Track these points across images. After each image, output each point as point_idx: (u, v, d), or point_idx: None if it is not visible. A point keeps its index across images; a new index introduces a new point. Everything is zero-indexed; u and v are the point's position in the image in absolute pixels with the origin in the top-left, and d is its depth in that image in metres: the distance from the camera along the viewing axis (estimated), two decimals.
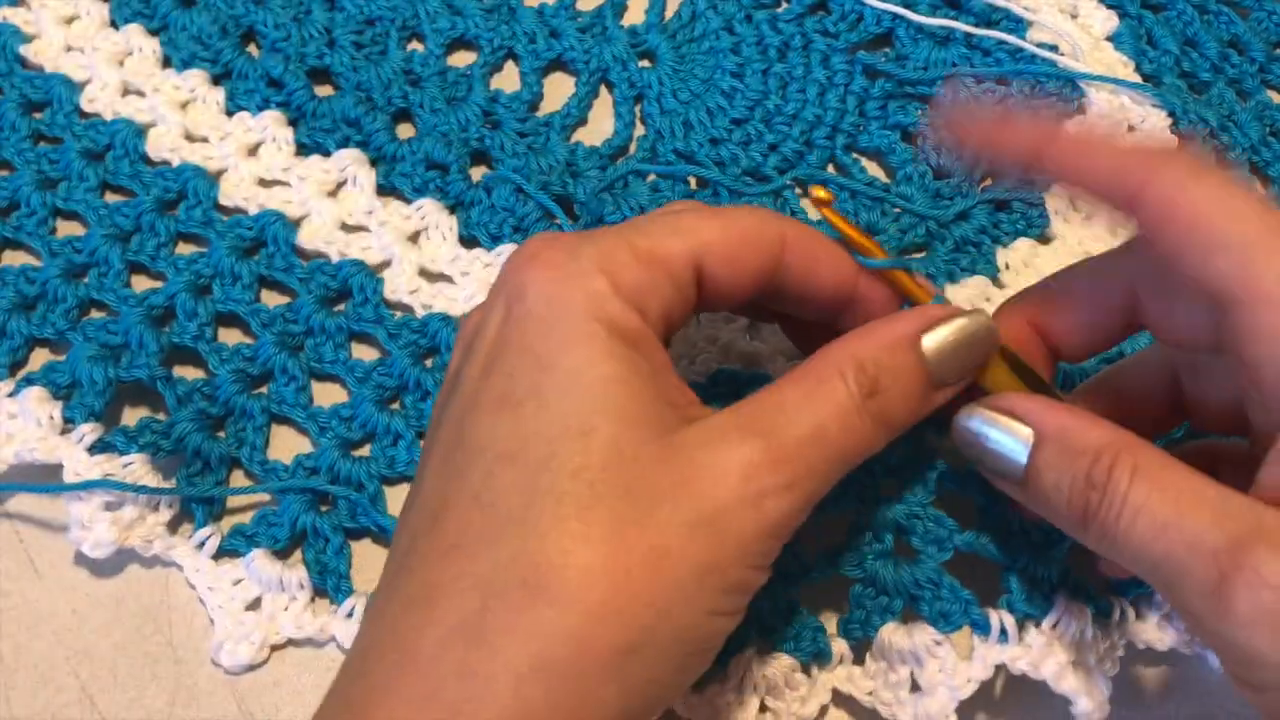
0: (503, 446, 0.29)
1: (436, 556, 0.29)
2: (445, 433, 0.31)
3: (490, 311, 0.31)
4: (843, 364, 0.31)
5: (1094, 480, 0.30)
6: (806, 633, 0.38)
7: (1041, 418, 0.32)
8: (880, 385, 0.31)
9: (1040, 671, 0.36)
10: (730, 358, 0.42)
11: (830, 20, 0.51)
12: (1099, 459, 0.30)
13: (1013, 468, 0.32)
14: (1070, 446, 0.31)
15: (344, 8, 0.51)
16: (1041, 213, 0.47)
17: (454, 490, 0.29)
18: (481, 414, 0.30)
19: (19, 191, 0.46)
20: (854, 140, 0.49)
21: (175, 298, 0.43)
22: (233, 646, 0.39)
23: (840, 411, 0.30)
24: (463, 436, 0.30)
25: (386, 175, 0.47)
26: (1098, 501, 0.30)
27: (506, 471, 0.29)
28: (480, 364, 0.31)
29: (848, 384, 0.31)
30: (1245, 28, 0.52)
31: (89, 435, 0.41)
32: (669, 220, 0.32)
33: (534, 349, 0.30)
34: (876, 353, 0.31)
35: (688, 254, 0.32)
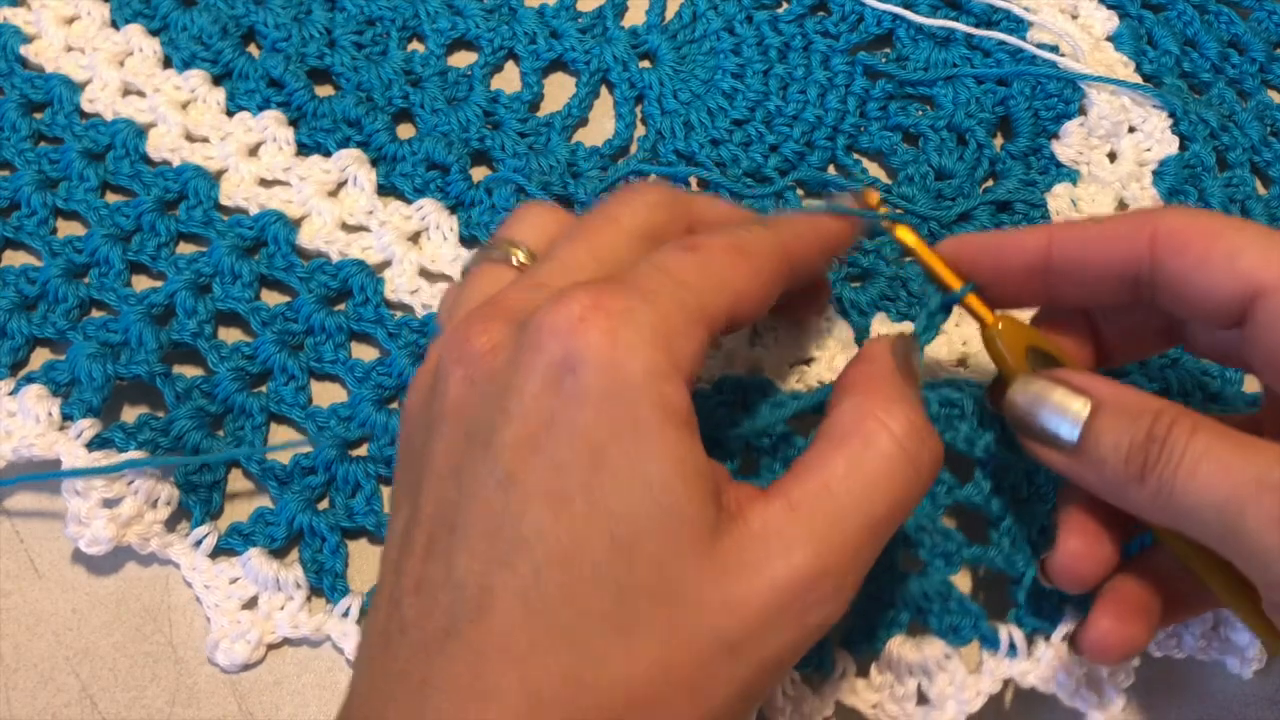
0: (555, 547, 0.27)
1: (489, 655, 0.27)
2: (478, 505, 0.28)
3: (526, 365, 0.28)
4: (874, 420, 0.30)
5: (1155, 434, 0.31)
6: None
7: (1099, 386, 0.33)
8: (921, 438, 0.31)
9: (1050, 686, 0.37)
10: (734, 364, 0.42)
11: (831, 21, 0.51)
12: (1159, 417, 0.31)
13: (1067, 436, 0.33)
14: (1130, 409, 0.32)
15: (344, 8, 0.51)
16: (1043, 213, 0.47)
17: (499, 582, 0.27)
18: (531, 504, 0.27)
19: (19, 192, 0.46)
20: (855, 141, 0.49)
21: (175, 296, 0.43)
22: (229, 645, 0.39)
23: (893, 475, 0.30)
24: (506, 522, 0.28)
25: (387, 175, 0.47)
26: (1157, 453, 0.31)
27: (556, 576, 0.27)
28: (524, 439, 0.28)
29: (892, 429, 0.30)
30: (1245, 28, 0.52)
31: (87, 431, 0.40)
32: (708, 270, 0.30)
33: (587, 437, 0.27)
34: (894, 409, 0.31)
35: (728, 310, 0.30)
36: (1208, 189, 0.47)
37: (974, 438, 0.39)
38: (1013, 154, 0.48)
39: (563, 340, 0.28)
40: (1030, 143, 0.48)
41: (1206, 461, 0.30)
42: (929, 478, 0.31)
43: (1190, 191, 0.47)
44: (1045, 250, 0.34)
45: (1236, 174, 0.48)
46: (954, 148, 0.48)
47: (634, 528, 0.27)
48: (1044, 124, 0.49)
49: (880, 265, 0.45)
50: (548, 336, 0.28)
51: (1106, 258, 0.34)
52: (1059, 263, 0.34)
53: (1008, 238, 0.35)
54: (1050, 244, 0.34)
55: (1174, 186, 0.47)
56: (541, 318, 0.29)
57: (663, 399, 0.28)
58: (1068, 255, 0.34)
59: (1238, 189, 0.47)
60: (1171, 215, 0.33)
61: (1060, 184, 0.47)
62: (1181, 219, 0.33)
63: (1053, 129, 0.49)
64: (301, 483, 0.41)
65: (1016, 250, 0.35)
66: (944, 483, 0.38)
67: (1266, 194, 0.48)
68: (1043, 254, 0.34)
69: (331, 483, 0.41)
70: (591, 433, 0.27)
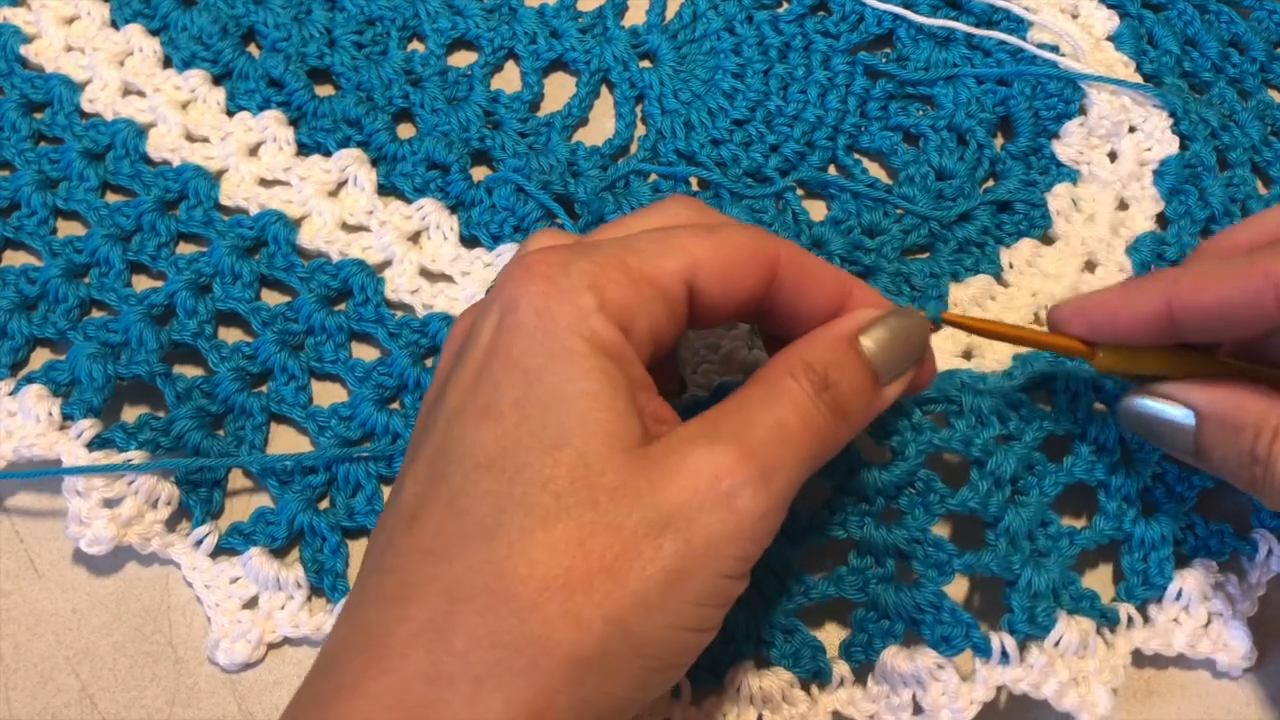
0: (482, 455, 0.30)
1: (411, 558, 0.30)
2: (430, 437, 0.32)
3: (484, 318, 0.32)
4: (791, 366, 0.32)
5: (1257, 455, 0.32)
6: (805, 650, 0.38)
7: (1199, 398, 0.34)
8: (830, 380, 0.32)
9: (1041, 691, 0.37)
10: (731, 368, 0.42)
11: (831, 21, 0.51)
12: (1259, 436, 0.32)
13: (1185, 444, 0.34)
14: (1229, 424, 0.33)
15: (344, 8, 0.51)
16: (1044, 213, 0.47)
17: (432, 494, 0.30)
18: (466, 422, 0.31)
19: (20, 192, 0.46)
20: (855, 141, 0.49)
21: (175, 296, 0.43)
22: (229, 645, 0.39)
23: (798, 407, 0.31)
24: (446, 443, 0.31)
25: (387, 175, 0.47)
26: (1261, 477, 0.32)
27: (483, 480, 0.30)
28: (470, 372, 0.32)
29: (799, 381, 0.32)
30: (1246, 27, 0.52)
31: (88, 431, 0.40)
32: (664, 238, 0.33)
33: (520, 362, 0.30)
34: (820, 352, 0.33)
35: (680, 273, 0.32)
36: (1208, 189, 0.47)
37: (971, 435, 0.39)
38: (1013, 154, 0.48)
39: (509, 289, 0.31)
40: (1031, 142, 0.48)
41: None
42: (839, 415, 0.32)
43: (1190, 191, 0.47)
44: (1166, 311, 0.34)
45: (1237, 173, 0.47)
46: (954, 148, 0.48)
47: (562, 432, 0.29)
48: (1044, 124, 0.49)
49: (882, 263, 0.45)
50: (502, 283, 0.32)
51: (1230, 311, 0.33)
52: (1180, 320, 0.34)
53: (1125, 301, 0.35)
54: (1169, 305, 0.34)
55: (1174, 186, 0.47)
56: (503, 278, 0.32)
57: (590, 331, 0.30)
58: (1188, 314, 0.34)
59: (1238, 188, 0.47)
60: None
61: (1061, 184, 0.47)
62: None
63: (1053, 129, 0.49)
64: (302, 482, 0.41)
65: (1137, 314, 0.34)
66: (937, 492, 0.39)
67: (1267, 193, 0.48)
68: (1163, 313, 0.34)
69: (332, 482, 0.41)
70: (524, 358, 0.30)
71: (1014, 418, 0.39)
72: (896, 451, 0.39)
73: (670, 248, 0.32)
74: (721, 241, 0.33)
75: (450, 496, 0.30)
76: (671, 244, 0.33)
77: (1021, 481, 0.39)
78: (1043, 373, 0.40)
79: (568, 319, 0.30)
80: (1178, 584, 0.39)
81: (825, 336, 0.33)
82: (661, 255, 0.32)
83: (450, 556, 0.29)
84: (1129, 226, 0.46)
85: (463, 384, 0.32)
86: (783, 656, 0.38)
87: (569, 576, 0.28)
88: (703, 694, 0.38)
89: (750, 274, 0.33)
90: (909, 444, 0.39)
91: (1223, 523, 0.40)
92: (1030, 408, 0.40)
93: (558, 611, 0.28)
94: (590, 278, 0.31)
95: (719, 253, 0.33)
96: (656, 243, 0.33)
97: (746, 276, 0.33)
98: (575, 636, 0.28)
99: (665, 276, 0.32)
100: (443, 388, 0.33)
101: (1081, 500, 0.41)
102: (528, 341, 0.31)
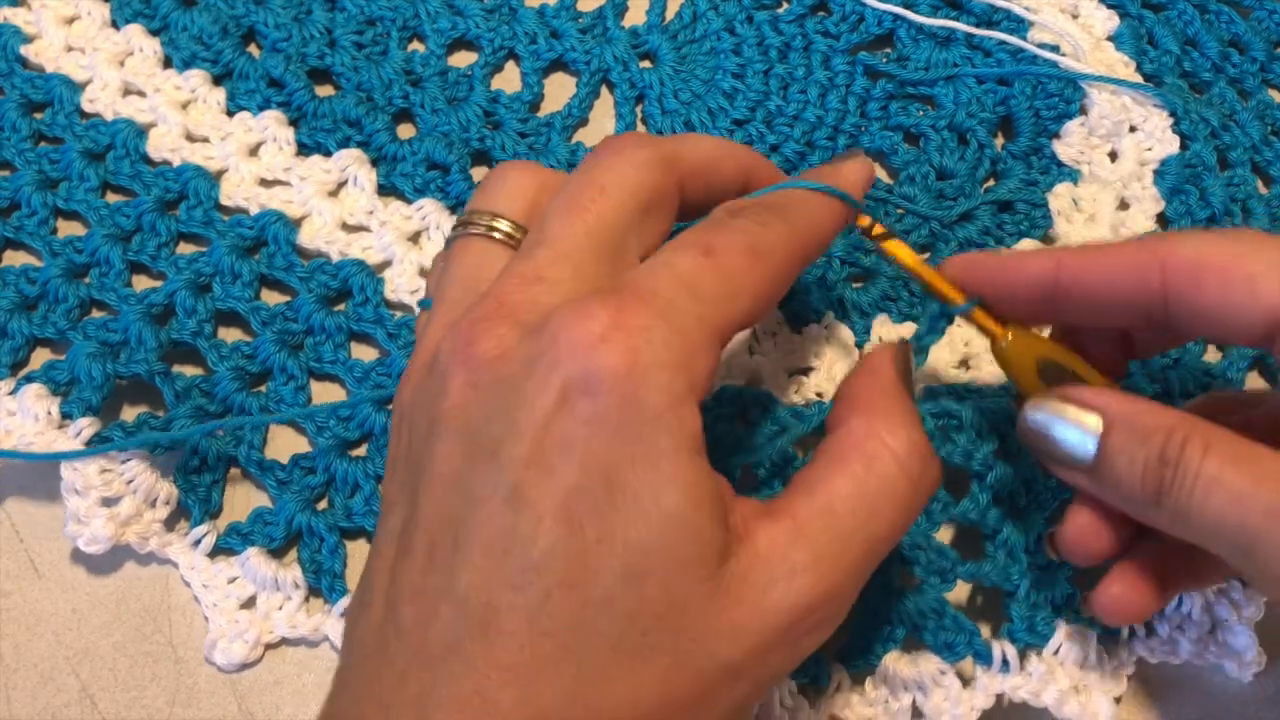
0: (562, 572, 0.27)
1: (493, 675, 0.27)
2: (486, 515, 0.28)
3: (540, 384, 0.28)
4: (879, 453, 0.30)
5: (1167, 457, 0.31)
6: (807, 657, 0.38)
7: (1110, 403, 0.33)
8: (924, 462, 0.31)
9: (1041, 700, 0.37)
10: (733, 373, 0.42)
11: (831, 21, 0.51)
12: (1171, 437, 0.31)
13: (1082, 455, 0.33)
14: (1141, 428, 0.32)
15: (345, 8, 0.51)
16: (1045, 213, 0.47)
17: (505, 601, 0.27)
18: (541, 525, 0.27)
19: (20, 192, 0.46)
20: (855, 141, 0.49)
21: (175, 295, 0.43)
22: (227, 645, 0.39)
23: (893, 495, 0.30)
24: (514, 540, 0.27)
25: (387, 175, 0.47)
26: (1171, 478, 0.31)
27: (566, 601, 0.27)
28: (533, 450, 0.27)
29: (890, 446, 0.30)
30: (1246, 27, 0.52)
31: (86, 430, 0.40)
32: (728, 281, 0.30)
33: (602, 462, 0.27)
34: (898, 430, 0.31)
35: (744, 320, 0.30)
36: (1209, 188, 0.47)
37: (971, 450, 0.39)
38: (1014, 154, 0.48)
39: (580, 360, 0.27)
40: (1031, 142, 0.48)
41: (1218, 489, 0.30)
42: (927, 497, 0.31)
43: (1191, 191, 0.47)
44: (1052, 276, 0.34)
45: (1237, 173, 0.47)
46: (955, 148, 0.48)
47: (646, 556, 0.27)
48: (1045, 124, 0.49)
49: (882, 266, 0.45)
50: (564, 353, 0.28)
51: (1115, 288, 0.33)
52: (1066, 289, 0.34)
53: (1014, 260, 0.35)
54: (1057, 270, 0.34)
55: (1175, 186, 0.47)
56: (558, 330, 0.28)
57: (680, 425, 0.27)
58: (1075, 283, 0.34)
59: (1239, 188, 0.47)
60: (1181, 245, 0.32)
61: (1061, 183, 0.47)
62: (1191, 248, 0.32)
63: (1054, 129, 0.49)
64: (300, 483, 0.41)
65: (1022, 273, 0.35)
66: (940, 500, 0.39)
67: (1268, 193, 0.48)
68: (1049, 279, 0.34)
69: (330, 483, 0.41)
70: (607, 458, 0.27)
71: (1012, 433, 0.39)
72: None
73: (735, 291, 0.30)
74: (774, 273, 0.31)
75: (528, 611, 0.27)
76: (734, 286, 0.30)
77: (1020, 496, 0.39)
78: None
79: (656, 409, 0.27)
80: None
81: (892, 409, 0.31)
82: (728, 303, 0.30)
83: (532, 679, 0.27)
84: (1130, 226, 0.46)
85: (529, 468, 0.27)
86: None
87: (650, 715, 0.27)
88: None
89: (787, 287, 0.32)
90: None
91: None
92: None
93: None
94: (679, 353, 0.28)
95: (770, 286, 0.31)
96: (720, 285, 0.30)
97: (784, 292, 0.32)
98: None
99: (733, 329, 0.30)
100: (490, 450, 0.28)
101: None
102: (608, 436, 0.27)
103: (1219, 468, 0.30)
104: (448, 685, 0.27)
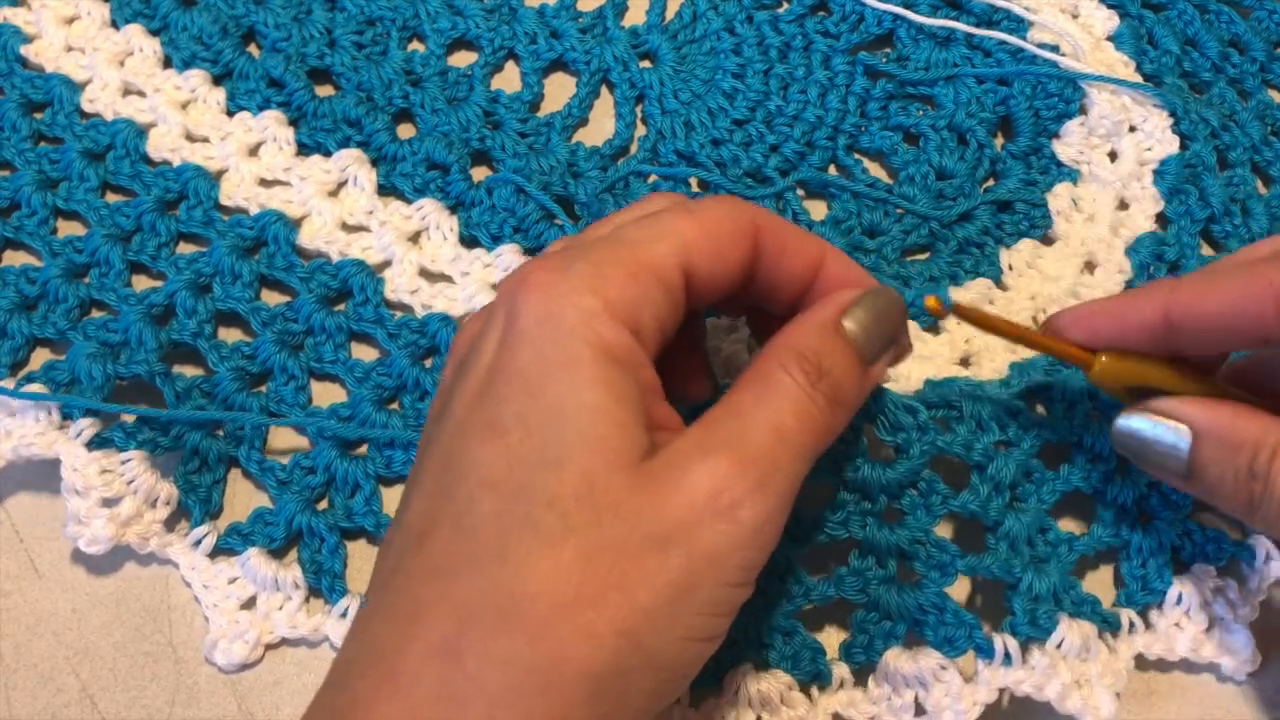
0: (486, 473, 0.29)
1: (420, 577, 0.29)
2: (435, 452, 0.31)
3: (486, 331, 0.32)
4: (783, 359, 0.32)
5: (1256, 472, 0.31)
6: (805, 653, 0.38)
7: (1197, 415, 0.33)
8: (824, 367, 0.32)
9: (1044, 693, 0.37)
10: (733, 372, 0.42)
11: (831, 21, 0.51)
12: (1258, 453, 0.31)
13: (1176, 464, 0.33)
14: (1228, 441, 0.32)
15: (345, 8, 0.51)
16: (1044, 213, 0.47)
17: (439, 512, 0.30)
18: (470, 439, 0.30)
19: (20, 192, 0.46)
20: (855, 141, 0.49)
21: (175, 296, 0.43)
22: (227, 645, 0.39)
23: (793, 402, 0.31)
24: (450, 459, 0.30)
25: (387, 175, 0.47)
26: (1260, 493, 0.31)
27: (488, 498, 0.29)
28: (473, 387, 0.31)
29: (793, 375, 0.31)
30: (1246, 27, 0.52)
31: (86, 430, 0.40)
32: (651, 224, 0.32)
33: (524, 374, 0.30)
34: (811, 340, 0.32)
35: (675, 256, 0.32)
36: (1208, 188, 0.47)
37: (971, 441, 0.39)
38: (1014, 153, 0.48)
39: (508, 298, 0.31)
40: (1031, 142, 0.48)
41: None
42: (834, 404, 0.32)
43: (1191, 191, 0.47)
44: (1164, 315, 0.34)
45: (1237, 173, 0.47)
46: (955, 147, 0.48)
47: (564, 448, 0.29)
48: (1045, 123, 0.49)
49: (882, 264, 0.45)
50: (502, 294, 0.32)
51: (1228, 319, 0.33)
52: (1178, 326, 0.34)
53: (1125, 310, 0.35)
54: (1168, 308, 0.34)
55: (1175, 186, 0.47)
56: (499, 288, 0.32)
57: (596, 336, 0.30)
58: (1186, 319, 0.33)
59: (1238, 188, 0.47)
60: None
61: (1061, 183, 0.47)
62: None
63: (1053, 128, 0.49)
64: (301, 483, 0.41)
65: (1135, 319, 0.35)
66: (939, 493, 0.39)
67: (1267, 193, 0.48)
68: (1161, 319, 0.34)
69: (331, 483, 0.41)
70: (528, 369, 0.30)
71: (1012, 425, 0.39)
72: (901, 449, 0.39)
73: (660, 232, 0.32)
74: (706, 218, 0.33)
75: (456, 515, 0.29)
76: (661, 229, 0.32)
77: (1020, 487, 0.39)
78: (1039, 382, 0.40)
79: (571, 324, 0.30)
80: (1177, 589, 0.39)
81: (810, 324, 0.33)
82: (654, 241, 0.32)
83: (459, 576, 0.29)
84: (1129, 226, 0.46)
85: (466, 398, 0.31)
86: (782, 659, 0.38)
87: (578, 594, 0.28)
88: (701, 696, 0.38)
89: (737, 246, 0.33)
90: (914, 443, 0.39)
91: (1219, 529, 0.40)
92: (1028, 415, 0.40)
93: (569, 630, 0.28)
94: (590, 279, 0.30)
95: (706, 229, 0.32)
96: (645, 229, 0.32)
97: (734, 249, 0.33)
98: (588, 653, 0.28)
99: (663, 264, 0.32)
100: (447, 401, 0.32)
101: (1080, 507, 0.41)
102: (531, 351, 0.30)
103: None
104: (388, 600, 0.30)
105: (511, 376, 0.30)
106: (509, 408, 0.30)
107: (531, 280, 0.31)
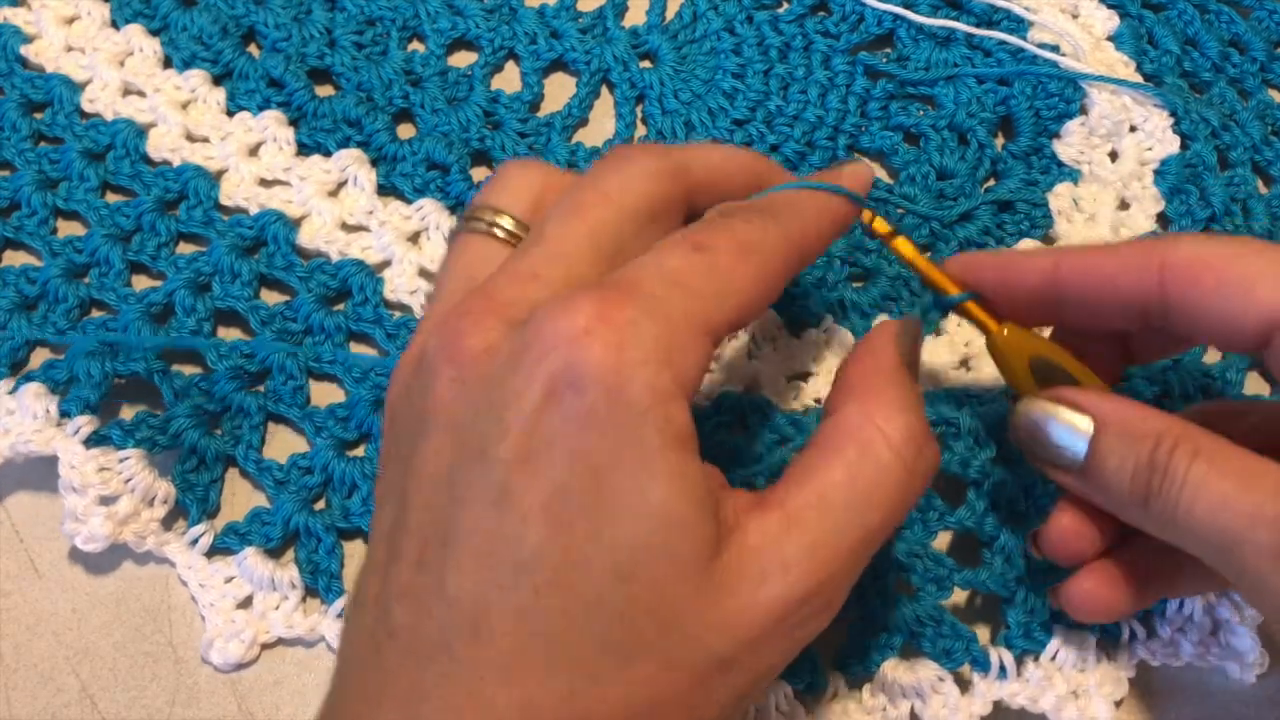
0: (551, 572, 0.27)
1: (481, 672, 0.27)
2: (468, 517, 0.28)
3: (526, 380, 0.27)
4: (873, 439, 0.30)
5: (1156, 462, 0.31)
6: (801, 662, 0.38)
7: (1101, 405, 0.33)
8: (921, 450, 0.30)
9: (1039, 705, 0.37)
10: (732, 377, 0.42)
11: (831, 21, 0.51)
12: (1160, 442, 0.31)
13: (1073, 456, 0.33)
14: (1132, 432, 0.32)
15: (345, 8, 0.51)
16: (1045, 213, 0.47)
17: (497, 604, 0.27)
18: (529, 525, 0.27)
19: (20, 192, 0.46)
20: (856, 141, 0.49)
21: (174, 294, 0.43)
22: (223, 644, 0.39)
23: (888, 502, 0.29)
24: (500, 540, 0.27)
25: (387, 175, 0.47)
26: (1159, 482, 0.31)
27: (555, 599, 0.27)
28: (519, 448, 0.27)
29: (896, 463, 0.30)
30: (1246, 27, 0.52)
31: (84, 428, 0.40)
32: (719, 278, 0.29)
33: (589, 458, 0.27)
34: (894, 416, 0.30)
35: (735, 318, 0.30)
36: (1209, 188, 0.47)
37: (969, 458, 0.39)
38: (1014, 154, 0.48)
39: (564, 353, 0.27)
40: (1031, 142, 0.48)
41: (1204, 493, 0.30)
42: (925, 484, 0.31)
43: (1191, 190, 0.47)
44: (1051, 275, 0.34)
45: (1238, 173, 0.47)
46: (955, 147, 0.48)
47: (634, 554, 0.27)
48: (1045, 123, 0.49)
49: (883, 265, 0.45)
50: (549, 346, 0.27)
51: (1113, 287, 0.33)
52: (1065, 288, 0.34)
53: (1014, 258, 0.35)
54: (1056, 268, 0.34)
55: (1175, 185, 0.47)
56: (542, 323, 0.27)
57: (666, 421, 0.27)
58: (1073, 282, 0.34)
59: (1239, 188, 0.47)
60: (1180, 246, 0.32)
61: (1062, 183, 0.47)
62: (1190, 249, 0.32)
63: (1054, 128, 0.48)
64: (298, 483, 0.41)
65: (1021, 270, 0.35)
66: (936, 509, 0.39)
67: (1268, 193, 0.48)
68: (1049, 278, 0.34)
69: (328, 483, 0.41)
70: (593, 455, 0.27)
71: (1009, 439, 0.39)
72: None
73: (725, 289, 0.29)
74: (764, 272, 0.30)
75: (519, 611, 0.27)
76: (724, 283, 0.29)
77: (1017, 503, 0.39)
78: None
79: (644, 407, 0.27)
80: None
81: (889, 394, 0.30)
82: (718, 300, 0.29)
83: (525, 678, 0.27)
84: (1130, 226, 0.46)
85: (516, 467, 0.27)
86: None
87: (644, 711, 0.27)
88: None
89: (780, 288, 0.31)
90: None
91: None
92: None
93: None
94: (666, 347, 0.27)
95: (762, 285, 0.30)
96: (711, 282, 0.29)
97: (778, 293, 0.31)
98: None
99: (724, 327, 0.29)
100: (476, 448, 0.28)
101: None
102: (596, 435, 0.27)
103: (1205, 472, 0.30)
104: (440, 686, 0.27)
105: (575, 461, 0.27)
106: (573, 500, 0.27)
107: (596, 335, 0.27)
